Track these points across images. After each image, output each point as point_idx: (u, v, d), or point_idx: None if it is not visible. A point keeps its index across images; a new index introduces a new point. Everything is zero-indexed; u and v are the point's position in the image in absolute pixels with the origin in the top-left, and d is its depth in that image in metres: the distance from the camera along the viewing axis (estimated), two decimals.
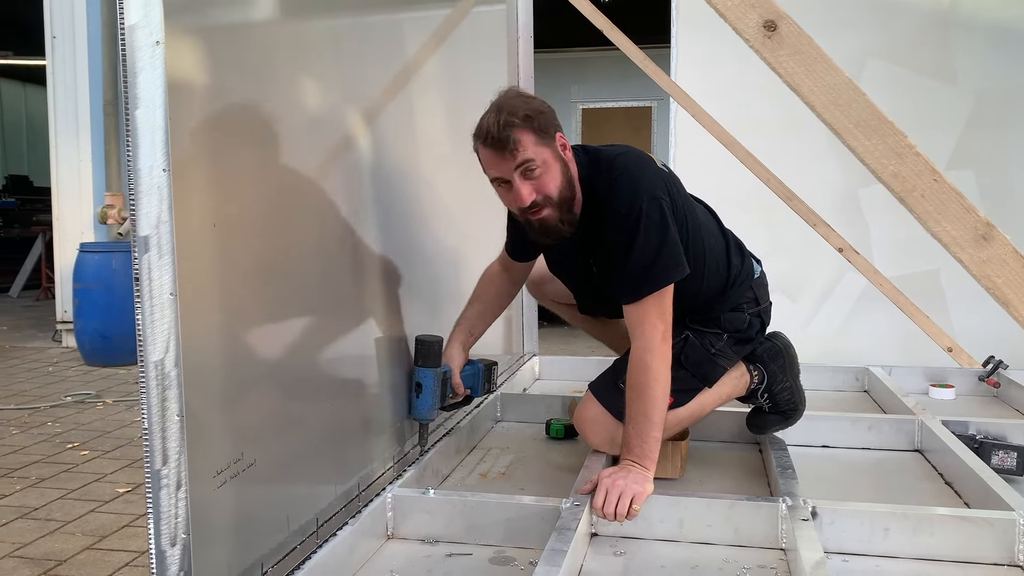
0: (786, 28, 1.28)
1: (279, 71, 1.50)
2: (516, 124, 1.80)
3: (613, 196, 1.87)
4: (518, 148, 1.80)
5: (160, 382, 1.10)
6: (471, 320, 2.23)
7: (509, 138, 1.79)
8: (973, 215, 1.35)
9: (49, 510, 3.26)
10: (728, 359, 2.10)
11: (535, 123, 1.82)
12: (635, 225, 1.82)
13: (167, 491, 1.12)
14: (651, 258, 1.83)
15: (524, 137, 1.81)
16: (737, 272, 2.09)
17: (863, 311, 4.38)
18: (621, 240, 1.85)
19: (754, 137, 3.75)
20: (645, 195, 1.84)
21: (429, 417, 2.07)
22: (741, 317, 2.09)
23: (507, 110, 1.81)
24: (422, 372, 2.03)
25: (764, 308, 2.14)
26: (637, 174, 1.88)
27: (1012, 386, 2.94)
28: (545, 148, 1.84)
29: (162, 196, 1.10)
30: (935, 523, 1.65)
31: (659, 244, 1.83)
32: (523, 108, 1.82)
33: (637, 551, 1.71)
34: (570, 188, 1.88)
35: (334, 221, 1.71)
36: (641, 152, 1.98)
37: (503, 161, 1.82)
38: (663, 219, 1.84)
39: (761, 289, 2.16)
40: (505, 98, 1.86)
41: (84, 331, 6.23)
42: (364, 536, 1.68)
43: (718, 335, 2.06)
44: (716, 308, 2.07)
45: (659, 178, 1.90)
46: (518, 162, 1.81)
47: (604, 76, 9.30)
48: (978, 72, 4.35)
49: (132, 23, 1.08)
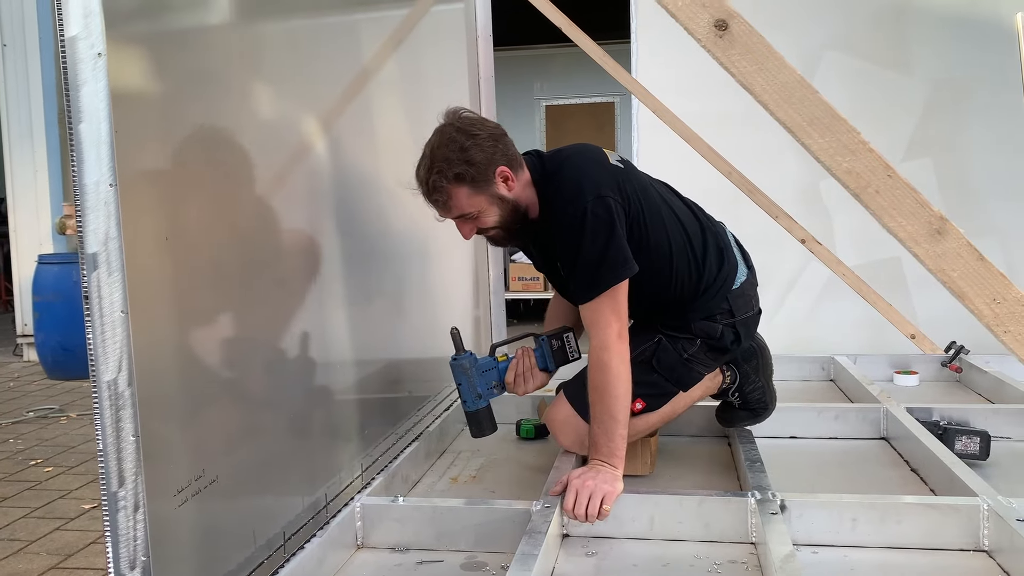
0: (737, 27, 1.28)
1: (231, 78, 1.47)
2: (446, 185, 1.82)
3: (559, 198, 1.88)
4: (451, 205, 1.85)
5: (114, 402, 1.08)
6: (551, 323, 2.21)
7: (441, 198, 1.84)
8: (927, 210, 1.36)
9: (12, 530, 3.19)
10: (704, 365, 2.06)
11: (467, 177, 1.82)
12: (580, 227, 1.82)
13: (124, 513, 1.09)
14: (598, 258, 1.82)
15: (456, 193, 1.83)
16: (712, 279, 2.02)
17: (828, 301, 4.42)
18: (568, 242, 1.85)
19: (716, 131, 3.76)
20: (589, 195, 1.83)
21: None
22: (714, 327, 2.04)
23: (437, 168, 1.81)
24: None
25: (741, 320, 2.06)
26: (580, 175, 1.88)
27: (973, 371, 2.99)
28: (480, 196, 1.85)
29: (109, 212, 1.07)
30: (901, 512, 1.67)
31: (605, 243, 1.82)
32: (455, 161, 1.80)
33: (609, 551, 1.70)
34: (513, 214, 1.91)
35: (293, 228, 1.68)
36: (590, 149, 1.98)
37: (440, 211, 1.89)
38: (609, 217, 1.83)
39: (740, 300, 2.06)
40: (439, 145, 1.83)
41: (45, 344, 6.11)
42: (333, 547, 1.66)
43: (691, 340, 2.04)
44: (688, 315, 2.04)
45: (606, 175, 1.89)
46: (454, 215, 1.88)
47: (567, 73, 9.29)
48: (933, 62, 4.41)
49: (72, 35, 1.05)
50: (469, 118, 1.89)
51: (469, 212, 1.86)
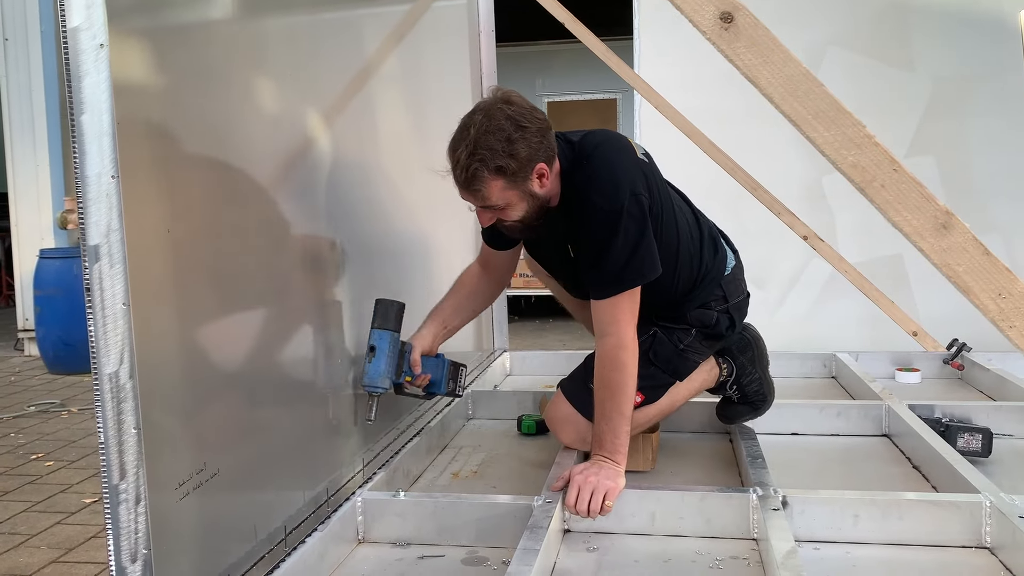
0: (743, 20, 1.28)
1: (233, 71, 1.47)
2: (485, 176, 1.73)
3: (593, 191, 1.82)
4: (484, 194, 1.77)
5: (115, 395, 1.07)
6: (445, 312, 2.13)
7: (475, 187, 1.76)
8: (933, 204, 1.36)
9: (13, 523, 3.19)
10: (698, 353, 2.08)
11: (508, 171, 1.73)
12: (615, 223, 1.79)
13: (126, 506, 1.09)
14: (627, 257, 1.80)
15: (492, 185, 1.75)
16: (708, 269, 2.05)
17: (829, 298, 4.42)
18: (599, 236, 1.81)
19: (719, 127, 3.76)
20: (627, 192, 1.79)
21: (380, 385, 1.89)
22: (709, 315, 2.06)
23: (480, 156, 1.71)
24: (377, 334, 1.90)
25: (734, 304, 2.09)
26: (617, 169, 1.83)
27: (975, 368, 2.98)
28: (513, 191, 1.78)
29: (111, 204, 1.06)
30: (904, 508, 1.67)
31: (636, 243, 1.80)
32: (500, 153, 1.71)
33: (610, 546, 1.70)
34: (539, 211, 1.84)
35: (295, 222, 1.68)
36: (620, 140, 1.93)
37: (468, 197, 1.81)
38: (643, 217, 1.81)
39: (732, 285, 2.10)
40: (486, 130, 1.72)
41: (46, 339, 6.12)
42: (334, 541, 1.66)
43: (686, 330, 2.05)
44: (684, 305, 2.05)
45: (639, 171, 1.85)
46: (482, 205, 1.81)
47: (569, 69, 9.28)
48: (937, 59, 4.40)
49: (74, 25, 1.04)
50: (520, 105, 1.77)
51: (497, 204, 1.79)
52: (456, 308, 2.16)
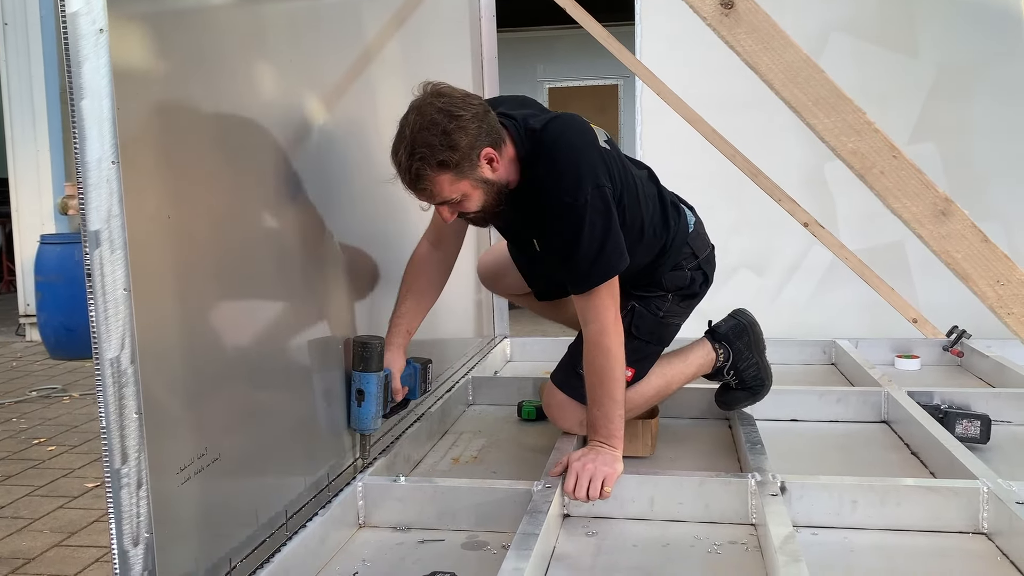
0: (743, 5, 1.27)
1: (233, 57, 1.46)
2: (429, 174, 1.69)
3: (551, 183, 1.78)
4: (433, 192, 1.74)
5: (116, 380, 1.08)
6: (407, 317, 2.03)
7: (422, 185, 1.72)
8: (932, 191, 1.35)
9: (16, 508, 3.21)
10: (678, 316, 2.12)
11: (451, 163, 1.69)
12: (580, 219, 1.76)
13: (128, 490, 1.10)
14: (596, 254, 1.78)
15: (440, 181, 1.71)
16: (675, 233, 2.07)
17: (830, 284, 4.42)
18: (565, 232, 1.79)
19: (720, 114, 3.75)
20: (588, 184, 1.76)
21: (373, 427, 1.88)
22: (682, 275, 2.10)
23: (419, 154, 1.67)
24: (364, 378, 1.85)
25: (704, 259, 2.13)
26: (578, 161, 1.79)
27: (975, 355, 2.99)
28: (464, 181, 1.73)
29: (112, 189, 1.07)
30: (902, 494, 1.68)
31: (603, 240, 1.78)
32: (438, 147, 1.67)
33: (609, 531, 1.71)
34: (497, 197, 1.80)
35: (295, 209, 1.68)
36: (584, 128, 1.88)
37: (420, 196, 1.78)
38: (607, 209, 1.79)
39: (697, 240, 2.12)
40: (420, 127, 1.68)
41: (48, 324, 6.13)
42: (335, 526, 1.67)
43: (663, 297, 2.08)
44: (657, 271, 2.08)
45: (599, 160, 1.82)
46: (436, 202, 1.78)
47: (571, 55, 9.24)
48: (939, 45, 4.38)
49: (74, 10, 1.04)
50: (450, 96, 1.72)
51: (452, 198, 1.75)
52: (416, 309, 2.06)
